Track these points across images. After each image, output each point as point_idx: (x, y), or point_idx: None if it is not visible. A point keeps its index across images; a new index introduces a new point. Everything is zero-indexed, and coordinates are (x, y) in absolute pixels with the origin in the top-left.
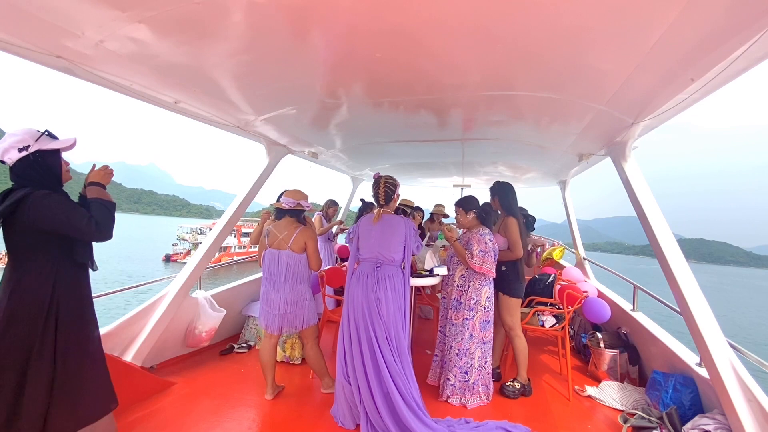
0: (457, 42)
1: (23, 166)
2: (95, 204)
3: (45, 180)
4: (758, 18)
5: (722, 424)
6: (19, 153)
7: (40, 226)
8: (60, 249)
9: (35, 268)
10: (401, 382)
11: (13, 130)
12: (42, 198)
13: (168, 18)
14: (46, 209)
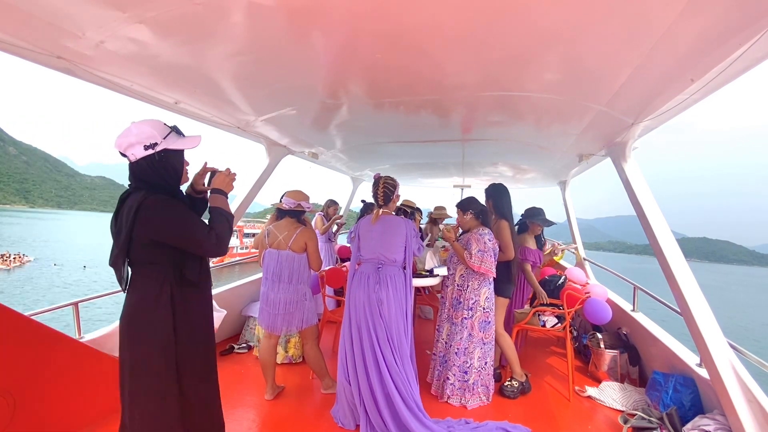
0: (457, 42)
1: (145, 165)
2: (216, 214)
3: (165, 183)
4: (758, 18)
5: (722, 425)
6: (145, 150)
7: (157, 237)
8: (172, 263)
9: (148, 285)
10: (402, 383)
11: (139, 121)
12: (160, 204)
13: (168, 19)
14: (166, 218)
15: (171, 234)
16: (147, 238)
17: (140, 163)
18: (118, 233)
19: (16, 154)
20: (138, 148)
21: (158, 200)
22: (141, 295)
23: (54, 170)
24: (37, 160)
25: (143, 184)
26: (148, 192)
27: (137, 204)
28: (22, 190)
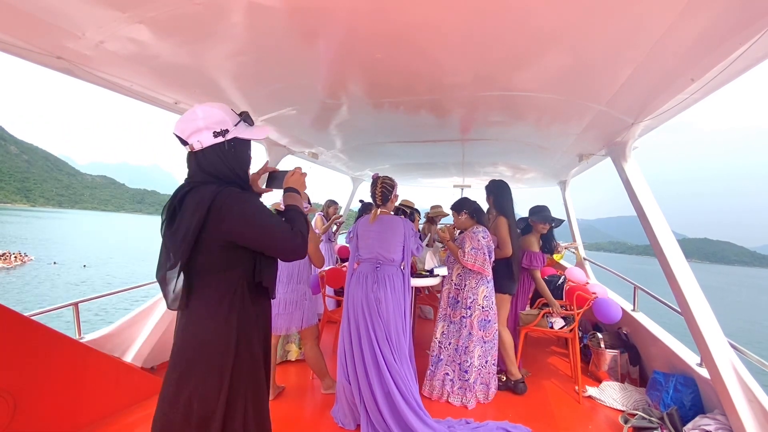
0: (457, 42)
1: (213, 155)
2: (295, 213)
3: (237, 177)
4: (758, 18)
5: (723, 425)
6: (214, 138)
7: (234, 237)
8: (244, 269)
9: (216, 297)
10: (402, 381)
11: (205, 104)
12: (238, 199)
13: (168, 19)
14: (246, 215)
15: (252, 233)
16: (222, 240)
17: (207, 153)
18: (178, 236)
19: (17, 153)
20: (206, 134)
21: (236, 194)
22: (207, 310)
23: (55, 169)
24: (38, 159)
25: (209, 178)
26: (217, 186)
27: (209, 200)
28: (23, 189)
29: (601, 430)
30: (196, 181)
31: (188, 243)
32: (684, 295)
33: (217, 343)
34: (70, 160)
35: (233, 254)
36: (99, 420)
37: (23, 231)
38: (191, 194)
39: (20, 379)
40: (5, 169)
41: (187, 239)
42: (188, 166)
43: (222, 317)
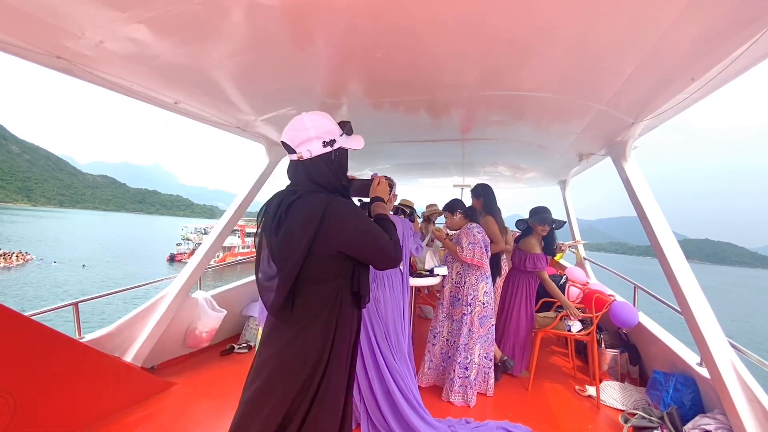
0: (457, 42)
1: (322, 164)
2: (386, 223)
3: (341, 186)
4: (758, 18)
5: (723, 424)
6: (323, 147)
7: (345, 246)
8: (344, 278)
9: (318, 306)
10: (401, 380)
11: (310, 113)
12: (349, 209)
13: (168, 19)
14: (358, 224)
15: (361, 244)
16: (332, 250)
17: (316, 162)
18: (290, 245)
19: (18, 153)
20: (316, 144)
21: (345, 206)
22: (309, 318)
23: (56, 169)
24: (39, 159)
25: (316, 186)
26: (326, 195)
27: (321, 210)
28: (25, 188)
29: (600, 429)
30: (302, 190)
31: (302, 253)
32: (684, 294)
33: (314, 350)
34: (71, 159)
35: (338, 264)
36: (99, 420)
37: (24, 230)
38: (300, 203)
39: (20, 379)
40: (7, 168)
41: (300, 249)
42: (293, 173)
43: (321, 326)
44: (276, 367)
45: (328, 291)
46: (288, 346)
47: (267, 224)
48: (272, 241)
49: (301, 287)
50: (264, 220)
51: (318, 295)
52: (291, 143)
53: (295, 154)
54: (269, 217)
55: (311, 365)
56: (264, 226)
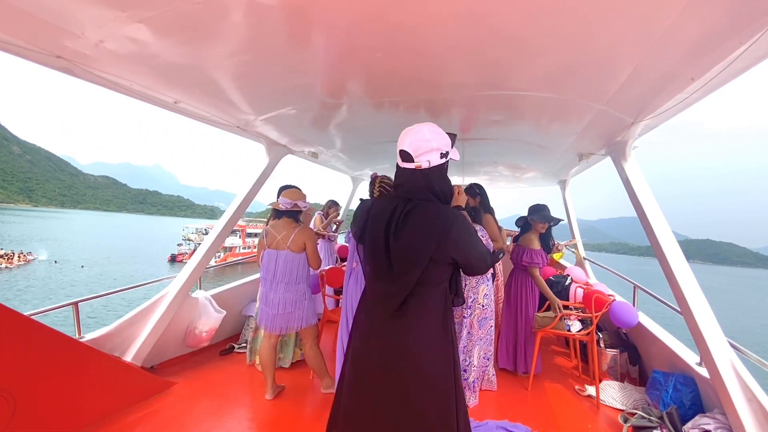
0: (457, 41)
1: (438, 173)
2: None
3: (450, 194)
4: (758, 18)
5: (722, 424)
6: (440, 159)
7: (457, 255)
8: (448, 282)
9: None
10: None
11: (427, 124)
12: (466, 222)
13: (168, 18)
14: (471, 234)
15: (472, 254)
16: (448, 257)
17: (433, 171)
18: (413, 251)
19: (20, 153)
20: (435, 154)
21: (462, 216)
22: (426, 320)
23: (57, 169)
24: (40, 159)
25: (430, 195)
26: (445, 206)
27: (448, 219)
28: (26, 188)
29: (600, 429)
30: (418, 198)
31: (427, 259)
32: (684, 294)
33: (442, 353)
34: (72, 160)
35: (447, 269)
36: (99, 420)
37: (26, 231)
38: (421, 211)
39: (20, 379)
40: (8, 169)
41: (426, 255)
42: (407, 180)
43: (440, 327)
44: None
45: (437, 293)
46: (405, 344)
47: (376, 228)
48: (394, 245)
49: (414, 289)
50: (372, 225)
51: (429, 297)
52: (414, 153)
53: (412, 163)
54: (380, 222)
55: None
56: (372, 230)
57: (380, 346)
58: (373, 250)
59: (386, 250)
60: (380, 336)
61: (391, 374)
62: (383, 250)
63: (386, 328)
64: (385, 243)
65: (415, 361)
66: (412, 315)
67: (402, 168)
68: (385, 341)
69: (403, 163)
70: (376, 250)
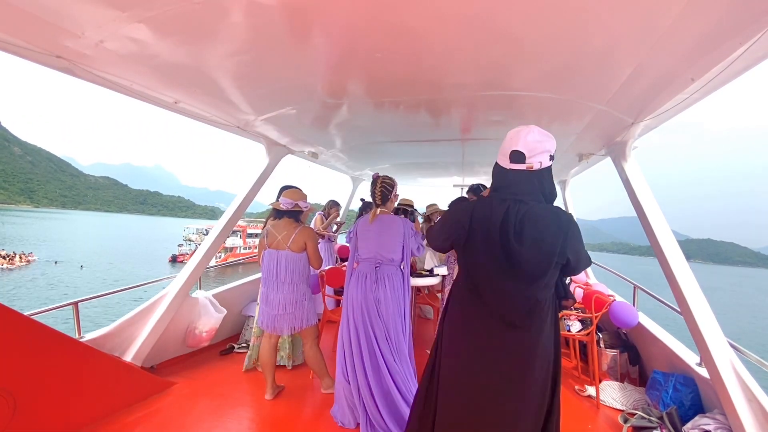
0: (457, 42)
1: (547, 174)
2: None
3: (554, 195)
4: (758, 18)
5: (722, 424)
6: (549, 161)
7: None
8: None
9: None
10: (401, 381)
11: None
12: (571, 216)
13: (168, 18)
14: (581, 240)
15: (582, 249)
16: (563, 259)
17: (543, 173)
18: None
19: (21, 154)
20: (546, 156)
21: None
22: (545, 322)
23: (58, 170)
24: (41, 160)
25: (540, 196)
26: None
27: (567, 221)
28: (27, 189)
29: (600, 429)
30: (530, 199)
31: (554, 261)
32: (684, 295)
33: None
34: (73, 161)
35: (557, 270)
36: (99, 419)
37: (27, 232)
38: (541, 213)
39: (20, 379)
40: (9, 170)
41: (553, 258)
42: (514, 181)
43: (555, 328)
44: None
45: (550, 296)
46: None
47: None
48: (512, 249)
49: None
50: (482, 228)
51: (546, 300)
52: (528, 153)
53: (523, 164)
54: (493, 225)
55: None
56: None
57: (499, 347)
58: (489, 254)
59: (506, 254)
60: (501, 338)
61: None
62: (502, 254)
63: (506, 331)
64: (504, 247)
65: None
66: (536, 317)
67: (507, 169)
68: (506, 342)
69: (511, 164)
70: (492, 254)
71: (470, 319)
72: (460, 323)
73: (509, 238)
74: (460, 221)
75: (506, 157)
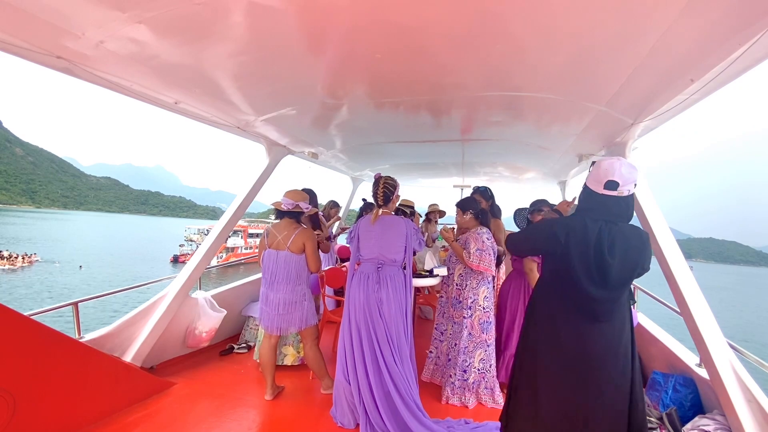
0: (457, 42)
1: (629, 201)
2: None
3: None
4: (758, 18)
5: (722, 425)
6: (634, 188)
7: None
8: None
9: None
10: (401, 382)
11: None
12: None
13: (168, 19)
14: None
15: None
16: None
17: (628, 198)
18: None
19: (22, 155)
20: (633, 184)
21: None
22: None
23: (60, 171)
24: (43, 161)
25: (625, 218)
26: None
27: (645, 236)
28: (29, 190)
29: None
30: (618, 220)
31: (635, 271)
32: (683, 295)
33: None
34: (74, 161)
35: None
36: (99, 420)
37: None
38: (629, 232)
39: (20, 379)
40: (11, 171)
41: (637, 270)
42: (604, 204)
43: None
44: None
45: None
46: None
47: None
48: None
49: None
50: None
51: (625, 302)
52: (622, 183)
53: (614, 191)
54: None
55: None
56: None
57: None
58: (583, 266)
59: (598, 265)
60: (590, 334)
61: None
62: (595, 265)
63: (595, 329)
64: (598, 259)
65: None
66: (616, 318)
67: (599, 194)
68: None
69: (604, 190)
70: (586, 266)
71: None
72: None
73: (603, 252)
74: (557, 235)
75: (600, 184)
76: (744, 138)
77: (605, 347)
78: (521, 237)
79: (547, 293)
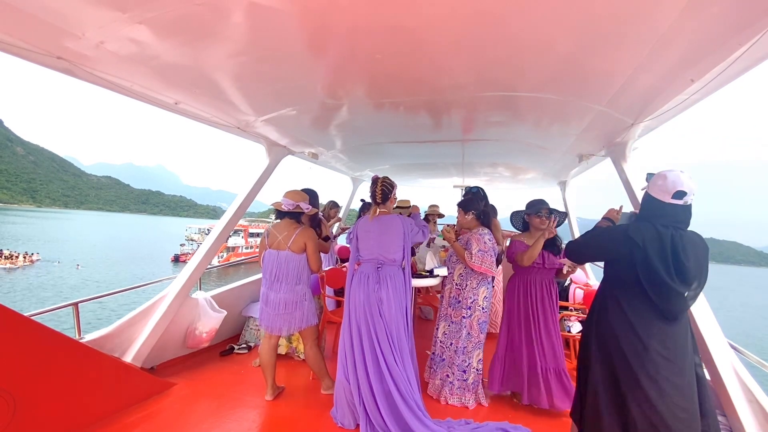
0: (457, 42)
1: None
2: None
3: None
4: (758, 18)
5: (723, 425)
6: (692, 198)
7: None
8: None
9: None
10: (402, 382)
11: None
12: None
13: (168, 19)
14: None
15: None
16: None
17: (690, 207)
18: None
19: (23, 154)
20: (692, 195)
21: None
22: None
23: (61, 170)
24: (44, 160)
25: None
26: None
27: (706, 242)
28: (30, 189)
29: None
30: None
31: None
32: None
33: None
34: (75, 161)
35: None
36: (99, 420)
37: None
38: (692, 238)
39: (20, 379)
40: (12, 170)
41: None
42: (672, 213)
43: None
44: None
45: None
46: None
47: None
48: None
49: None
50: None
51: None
52: (689, 192)
53: (681, 200)
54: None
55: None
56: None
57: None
58: (665, 268)
59: (678, 268)
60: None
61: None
62: (674, 267)
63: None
64: (676, 262)
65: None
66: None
67: (666, 203)
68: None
69: (671, 199)
70: (666, 268)
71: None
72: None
73: (679, 255)
74: (634, 239)
75: (668, 194)
76: (744, 139)
77: (683, 344)
78: (585, 243)
79: (619, 301)
